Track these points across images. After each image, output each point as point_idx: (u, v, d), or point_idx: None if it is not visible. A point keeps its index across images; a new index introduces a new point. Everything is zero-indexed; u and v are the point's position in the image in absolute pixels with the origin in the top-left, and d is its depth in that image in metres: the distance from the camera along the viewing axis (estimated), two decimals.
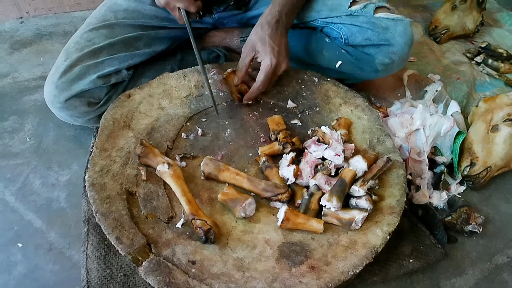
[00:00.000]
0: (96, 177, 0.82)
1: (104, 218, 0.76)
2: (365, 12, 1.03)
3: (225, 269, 0.74)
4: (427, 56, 1.51)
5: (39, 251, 0.88)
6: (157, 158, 0.86)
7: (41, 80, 1.27)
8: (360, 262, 0.76)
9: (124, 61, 1.01)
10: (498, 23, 1.79)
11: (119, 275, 0.79)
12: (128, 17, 1.04)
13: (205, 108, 1.03)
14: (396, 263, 0.88)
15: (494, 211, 1.07)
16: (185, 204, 0.80)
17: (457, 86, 1.34)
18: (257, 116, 1.03)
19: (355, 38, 1.05)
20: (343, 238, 0.81)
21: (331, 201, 0.82)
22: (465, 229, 0.98)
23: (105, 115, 0.93)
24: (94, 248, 0.82)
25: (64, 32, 1.47)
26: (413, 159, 1.04)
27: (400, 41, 1.03)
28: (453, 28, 1.58)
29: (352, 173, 0.86)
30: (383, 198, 0.88)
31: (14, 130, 1.12)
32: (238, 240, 0.80)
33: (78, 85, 0.96)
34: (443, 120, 1.07)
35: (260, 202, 0.87)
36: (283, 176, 0.89)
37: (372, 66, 1.07)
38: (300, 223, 0.82)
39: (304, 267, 0.76)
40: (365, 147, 0.99)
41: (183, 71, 1.06)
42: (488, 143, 1.08)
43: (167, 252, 0.75)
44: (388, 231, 0.81)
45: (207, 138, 0.98)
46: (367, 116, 1.04)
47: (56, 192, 0.99)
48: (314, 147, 0.92)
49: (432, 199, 1.02)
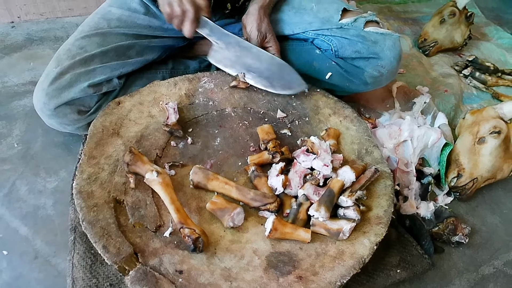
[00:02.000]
0: (83, 185, 0.81)
1: (91, 227, 0.75)
2: (355, 25, 1.05)
3: (213, 279, 0.74)
4: (416, 68, 1.53)
5: (24, 259, 0.87)
6: (145, 166, 0.86)
7: (31, 85, 1.26)
8: (347, 272, 0.76)
9: (115, 70, 1.01)
10: (485, 37, 1.83)
11: (105, 284, 0.78)
12: (121, 26, 1.05)
13: (195, 116, 1.03)
14: (384, 273, 0.88)
15: (480, 222, 1.09)
16: (174, 212, 0.79)
17: (445, 98, 1.37)
18: (247, 125, 1.04)
19: (345, 51, 1.06)
20: (331, 248, 0.82)
21: (319, 211, 0.82)
22: (452, 239, 1.00)
23: (94, 122, 0.93)
24: (80, 257, 0.81)
25: (56, 37, 1.47)
26: (401, 170, 1.05)
27: (389, 55, 1.05)
28: (442, 41, 1.61)
29: (340, 184, 0.86)
30: (371, 209, 0.89)
31: (1, 135, 1.11)
32: (226, 250, 0.80)
33: (68, 93, 0.96)
34: (430, 131, 1.09)
35: (249, 212, 0.87)
36: (272, 185, 0.89)
37: (361, 78, 1.08)
38: (288, 233, 0.82)
39: (291, 277, 0.76)
40: (353, 158, 1.00)
41: (174, 79, 1.07)
42: (474, 154, 1.10)
43: (154, 262, 0.74)
44: (376, 241, 0.82)
45: (197, 147, 0.98)
46: (356, 127, 1.05)
47: (43, 199, 0.98)
48: (303, 157, 0.92)
49: (420, 209, 1.03)
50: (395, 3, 1.99)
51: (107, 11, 1.07)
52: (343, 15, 1.06)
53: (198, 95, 1.06)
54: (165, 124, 0.96)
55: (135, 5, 1.07)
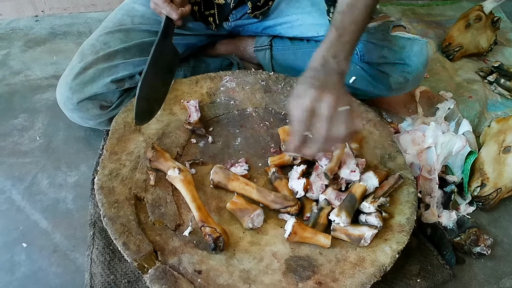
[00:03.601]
0: (105, 181, 0.82)
1: (112, 223, 0.75)
2: (382, 29, 1.03)
3: (231, 280, 0.73)
4: (439, 73, 1.50)
5: (43, 253, 0.88)
6: (168, 162, 0.85)
7: (53, 79, 1.27)
8: (367, 280, 0.75)
9: (138, 66, 1.01)
10: (511, 43, 1.78)
11: (123, 281, 0.79)
12: (144, 23, 1.04)
13: (216, 115, 1.03)
14: (403, 282, 0.87)
15: (502, 233, 1.06)
16: (195, 210, 0.79)
17: (469, 105, 1.33)
18: (268, 126, 1.03)
19: (370, 55, 1.05)
20: (352, 254, 0.80)
21: (340, 216, 0.81)
22: (473, 250, 0.97)
23: (116, 118, 0.93)
24: (99, 252, 0.82)
25: (78, 32, 1.48)
26: (423, 177, 1.03)
27: (415, 61, 1.03)
28: (467, 46, 1.57)
29: (363, 189, 0.85)
30: (393, 216, 0.87)
31: (24, 128, 1.12)
32: (245, 251, 0.79)
33: (91, 88, 0.96)
34: (455, 139, 1.06)
35: (269, 214, 0.86)
36: (293, 188, 0.88)
37: (386, 84, 1.07)
38: (307, 237, 0.81)
39: (311, 282, 0.75)
40: (375, 163, 0.98)
41: (196, 77, 1.06)
42: (499, 164, 1.07)
43: (173, 261, 0.74)
44: (397, 249, 0.80)
45: (217, 146, 0.97)
46: (379, 131, 1.03)
47: (63, 193, 0.98)
48: (325, 161, 0.91)
49: (441, 218, 1.00)
50: (419, 5, 1.96)
51: (131, 8, 1.07)
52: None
53: (219, 94, 1.05)
54: (187, 122, 0.96)
55: None
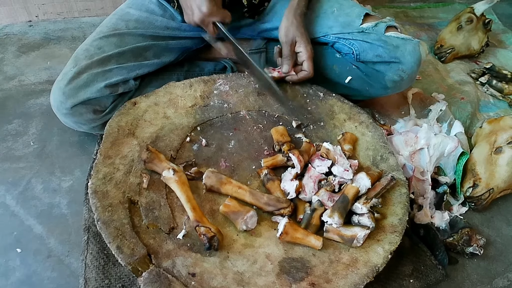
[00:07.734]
0: (99, 185, 0.82)
1: (106, 227, 0.75)
2: (377, 30, 1.06)
3: (225, 282, 0.74)
4: (431, 75, 1.52)
5: (38, 257, 0.88)
6: (162, 163, 0.86)
7: (47, 84, 1.27)
8: (360, 281, 0.75)
9: (132, 71, 1.02)
10: (503, 44, 1.80)
11: (118, 285, 0.79)
12: (139, 27, 1.05)
13: (210, 118, 1.03)
14: (397, 282, 0.87)
15: (495, 233, 1.07)
16: (190, 210, 0.80)
17: (461, 106, 1.35)
18: (261, 129, 1.04)
19: (366, 55, 1.07)
20: (345, 255, 0.81)
21: (333, 217, 0.82)
22: (466, 250, 0.98)
23: (110, 122, 0.93)
24: (93, 257, 0.82)
25: (72, 37, 1.48)
26: (416, 178, 1.04)
27: (410, 60, 1.05)
28: (458, 48, 1.59)
29: (355, 190, 0.86)
30: (385, 216, 0.88)
31: (18, 134, 1.12)
32: (239, 254, 0.79)
33: (85, 93, 0.96)
34: (447, 140, 1.07)
35: (262, 216, 0.87)
36: (285, 189, 0.89)
37: (381, 83, 1.08)
38: (298, 238, 0.81)
39: (304, 283, 0.75)
40: (368, 164, 0.99)
41: (189, 80, 1.07)
42: (491, 164, 1.08)
43: (167, 264, 0.74)
44: (390, 250, 0.81)
45: (211, 149, 0.97)
46: (371, 132, 1.04)
47: (58, 198, 0.98)
48: (318, 162, 0.92)
49: (434, 219, 1.01)
50: (411, 8, 1.98)
51: (125, 12, 1.07)
52: (363, 20, 1.07)
53: (213, 97, 1.06)
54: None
55: (153, 7, 1.08)
